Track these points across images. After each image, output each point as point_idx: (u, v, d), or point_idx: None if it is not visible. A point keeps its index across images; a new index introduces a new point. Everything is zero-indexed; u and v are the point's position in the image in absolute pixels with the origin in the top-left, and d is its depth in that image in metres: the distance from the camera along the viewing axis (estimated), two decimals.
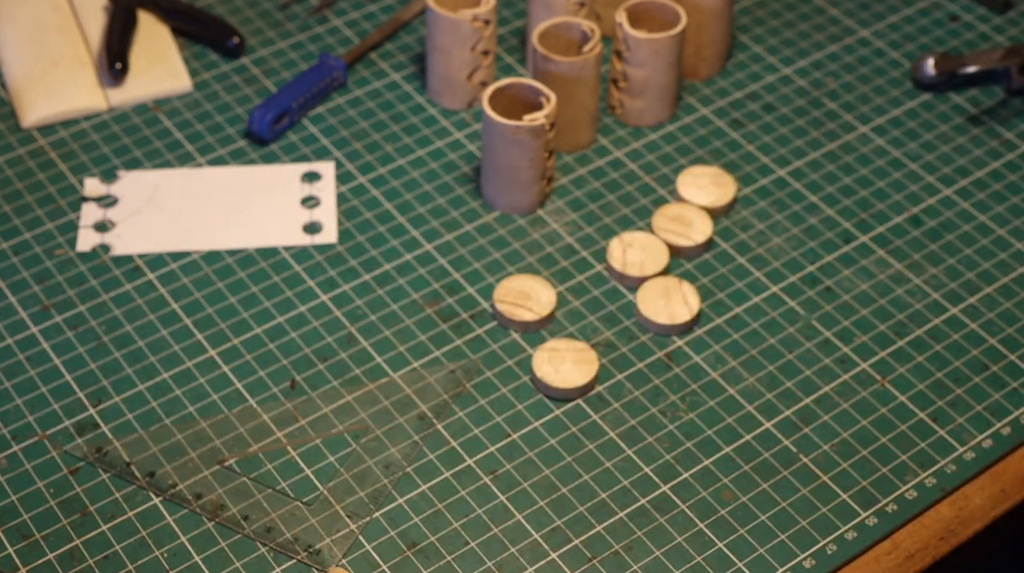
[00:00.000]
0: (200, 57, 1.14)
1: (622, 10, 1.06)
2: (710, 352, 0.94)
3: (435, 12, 1.06)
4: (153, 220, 1.02)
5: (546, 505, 0.86)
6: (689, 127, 1.09)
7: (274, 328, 0.95)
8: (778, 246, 1.01)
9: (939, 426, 0.91)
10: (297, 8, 1.19)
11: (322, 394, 0.92)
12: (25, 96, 1.09)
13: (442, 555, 0.84)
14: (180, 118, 1.09)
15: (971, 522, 0.87)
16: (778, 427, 0.90)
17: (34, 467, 0.88)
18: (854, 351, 0.95)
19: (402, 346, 0.94)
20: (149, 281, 0.98)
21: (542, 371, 0.92)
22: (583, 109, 1.05)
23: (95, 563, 0.83)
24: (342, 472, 0.87)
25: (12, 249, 1.00)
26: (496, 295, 0.96)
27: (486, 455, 0.89)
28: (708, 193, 1.03)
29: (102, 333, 0.95)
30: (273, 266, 0.99)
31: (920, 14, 1.19)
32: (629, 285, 0.98)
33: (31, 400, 0.91)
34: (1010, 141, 1.09)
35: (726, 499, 0.87)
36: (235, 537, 0.84)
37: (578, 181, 1.05)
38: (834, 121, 1.10)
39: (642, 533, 0.85)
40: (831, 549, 0.85)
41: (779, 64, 1.15)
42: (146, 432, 0.89)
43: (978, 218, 1.03)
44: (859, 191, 1.05)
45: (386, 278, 0.99)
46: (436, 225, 1.02)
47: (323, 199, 1.03)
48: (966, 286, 0.99)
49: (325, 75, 1.10)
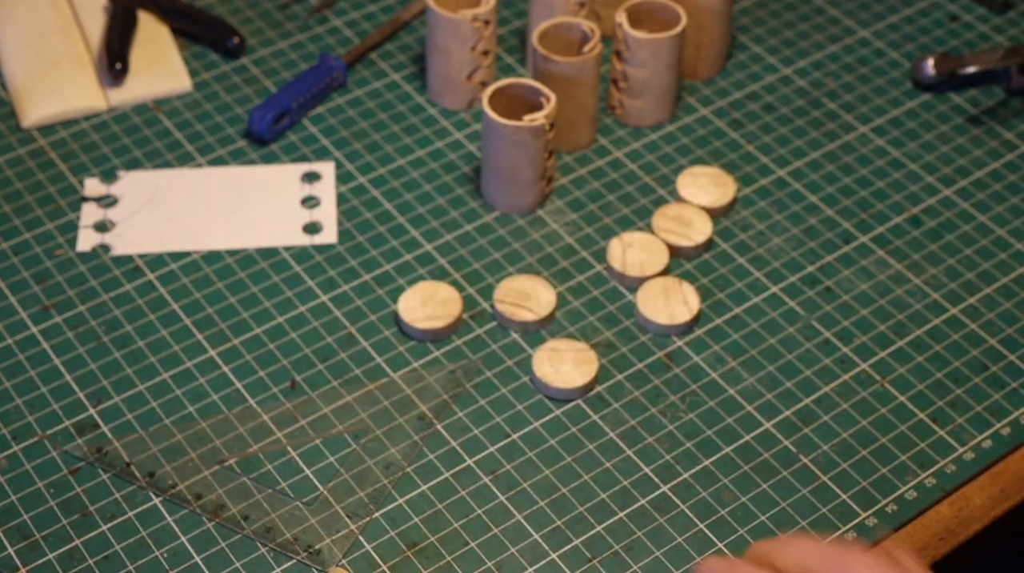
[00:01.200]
0: (200, 57, 1.14)
1: (622, 10, 1.06)
2: (710, 352, 0.94)
3: (435, 12, 1.06)
4: (153, 220, 1.02)
5: (546, 505, 0.86)
6: (689, 127, 1.09)
7: (274, 328, 0.95)
8: (778, 246, 1.01)
9: (939, 426, 0.91)
10: (297, 8, 1.19)
11: (322, 394, 0.92)
12: (25, 96, 1.09)
13: (442, 555, 0.84)
14: (180, 118, 1.09)
15: (971, 522, 0.87)
16: (778, 427, 0.90)
17: (34, 467, 0.88)
18: (854, 351, 0.95)
19: (402, 346, 0.94)
20: (149, 281, 0.98)
21: (542, 371, 0.92)
22: (583, 109, 1.05)
23: (95, 563, 0.83)
24: (342, 472, 0.87)
25: (12, 249, 1.00)
26: (496, 295, 0.96)
27: (486, 455, 0.89)
28: (708, 193, 1.03)
29: (102, 333, 0.95)
30: (273, 266, 0.99)
31: (920, 14, 1.19)
32: (629, 285, 0.98)
33: (31, 400, 0.91)
34: (1010, 141, 1.09)
35: (726, 499, 0.87)
36: (235, 537, 0.84)
37: (578, 181, 1.05)
38: (834, 121, 1.10)
39: (642, 533, 0.85)
40: None
41: (779, 64, 1.15)
42: (146, 432, 0.89)
43: (978, 218, 1.03)
44: (859, 191, 1.05)
45: (386, 278, 0.98)
46: (436, 225, 1.02)
47: (323, 199, 1.03)
48: (966, 286, 0.99)
49: (325, 75, 1.10)
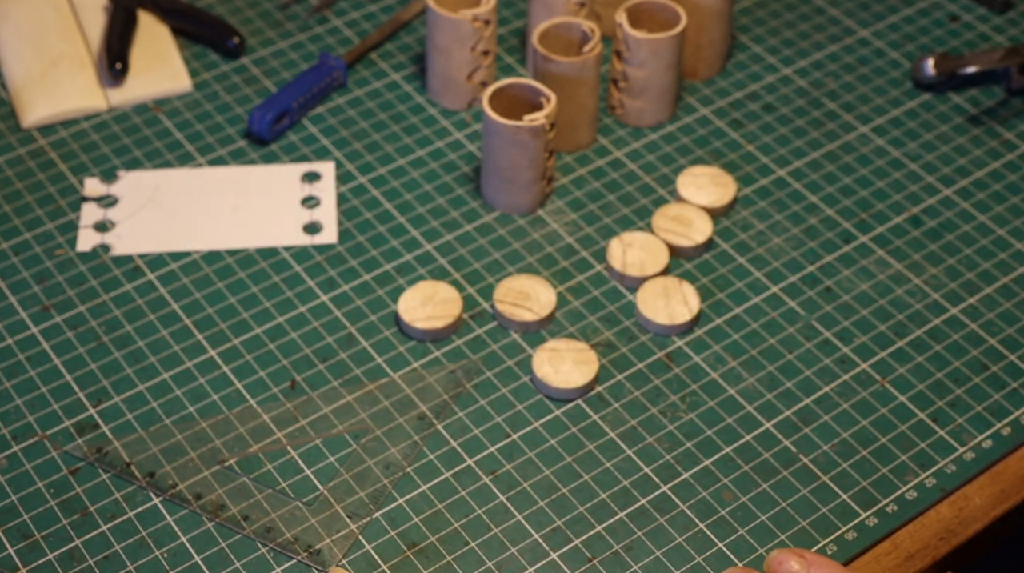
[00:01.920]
0: (200, 57, 1.14)
1: (622, 10, 1.06)
2: (710, 352, 0.94)
3: (435, 12, 1.06)
4: (153, 220, 1.02)
5: (546, 505, 0.86)
6: (689, 127, 1.09)
7: (274, 328, 0.95)
8: (778, 246, 1.01)
9: (939, 426, 0.91)
10: (297, 8, 1.19)
11: (322, 394, 0.92)
12: (25, 96, 1.09)
13: (442, 555, 0.84)
14: (180, 118, 1.09)
15: (971, 522, 0.87)
16: (778, 427, 0.90)
17: (34, 467, 0.88)
18: (854, 351, 0.95)
19: (402, 346, 0.94)
20: (149, 281, 0.98)
21: (542, 371, 0.92)
22: (583, 109, 1.05)
23: (95, 563, 0.83)
24: (342, 472, 0.87)
25: (12, 249, 1.00)
26: (496, 295, 0.96)
27: (486, 455, 0.89)
28: (708, 193, 1.03)
29: (102, 333, 0.95)
30: (273, 266, 0.99)
31: (920, 14, 1.19)
32: (629, 285, 0.98)
33: (31, 400, 0.91)
34: (1010, 141, 1.09)
35: (726, 499, 0.87)
36: (235, 537, 0.84)
37: (578, 181, 1.05)
38: (834, 121, 1.10)
39: (642, 533, 0.85)
40: (831, 549, 0.85)
41: (779, 64, 1.15)
42: (146, 432, 0.89)
43: (978, 218, 1.03)
44: (859, 191, 1.05)
45: (386, 278, 0.99)
46: (436, 225, 1.02)
47: (323, 199, 1.03)
48: (966, 286, 0.99)
49: (325, 75, 1.10)
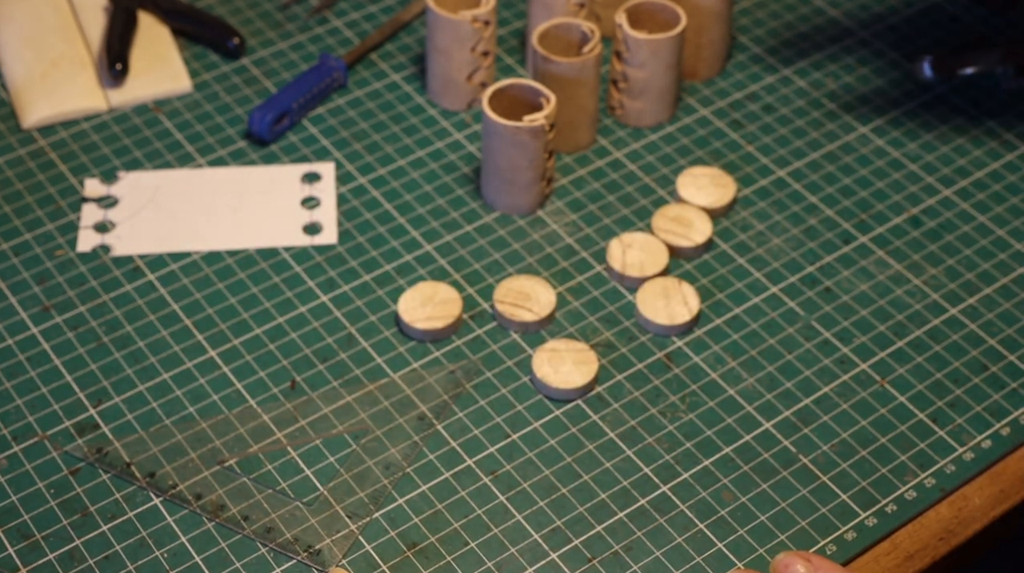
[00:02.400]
0: (200, 58, 1.14)
1: (622, 11, 1.06)
2: (710, 353, 0.94)
3: (435, 13, 1.06)
4: (153, 221, 1.02)
5: (546, 505, 0.86)
6: (689, 128, 1.09)
7: (274, 329, 0.95)
8: (778, 247, 1.01)
9: (938, 426, 0.91)
10: (297, 8, 1.19)
11: (322, 395, 0.92)
12: (25, 96, 1.09)
13: (442, 555, 0.84)
14: (180, 119, 1.09)
15: (971, 522, 0.87)
16: (778, 427, 0.90)
17: (34, 467, 0.88)
18: (854, 352, 0.95)
19: (402, 346, 0.94)
20: (149, 282, 0.98)
21: (542, 372, 0.92)
22: (583, 110, 1.05)
23: (95, 563, 0.83)
24: (342, 472, 0.87)
25: (12, 250, 1.00)
26: (496, 296, 0.96)
27: (486, 455, 0.89)
28: (708, 194, 1.03)
29: (102, 334, 0.95)
30: (273, 267, 0.99)
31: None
32: (629, 286, 0.98)
33: (31, 400, 0.91)
34: (1010, 141, 1.09)
35: (726, 499, 0.87)
36: (235, 537, 0.85)
37: (578, 182, 1.05)
38: (834, 121, 1.10)
39: (642, 533, 0.85)
40: (831, 549, 0.85)
41: (779, 64, 1.15)
42: (146, 432, 0.89)
43: (978, 219, 1.03)
44: (859, 192, 1.05)
45: (386, 278, 0.99)
46: (436, 226, 1.02)
47: (323, 200, 1.03)
48: (965, 287, 0.99)
49: (325, 76, 1.10)
